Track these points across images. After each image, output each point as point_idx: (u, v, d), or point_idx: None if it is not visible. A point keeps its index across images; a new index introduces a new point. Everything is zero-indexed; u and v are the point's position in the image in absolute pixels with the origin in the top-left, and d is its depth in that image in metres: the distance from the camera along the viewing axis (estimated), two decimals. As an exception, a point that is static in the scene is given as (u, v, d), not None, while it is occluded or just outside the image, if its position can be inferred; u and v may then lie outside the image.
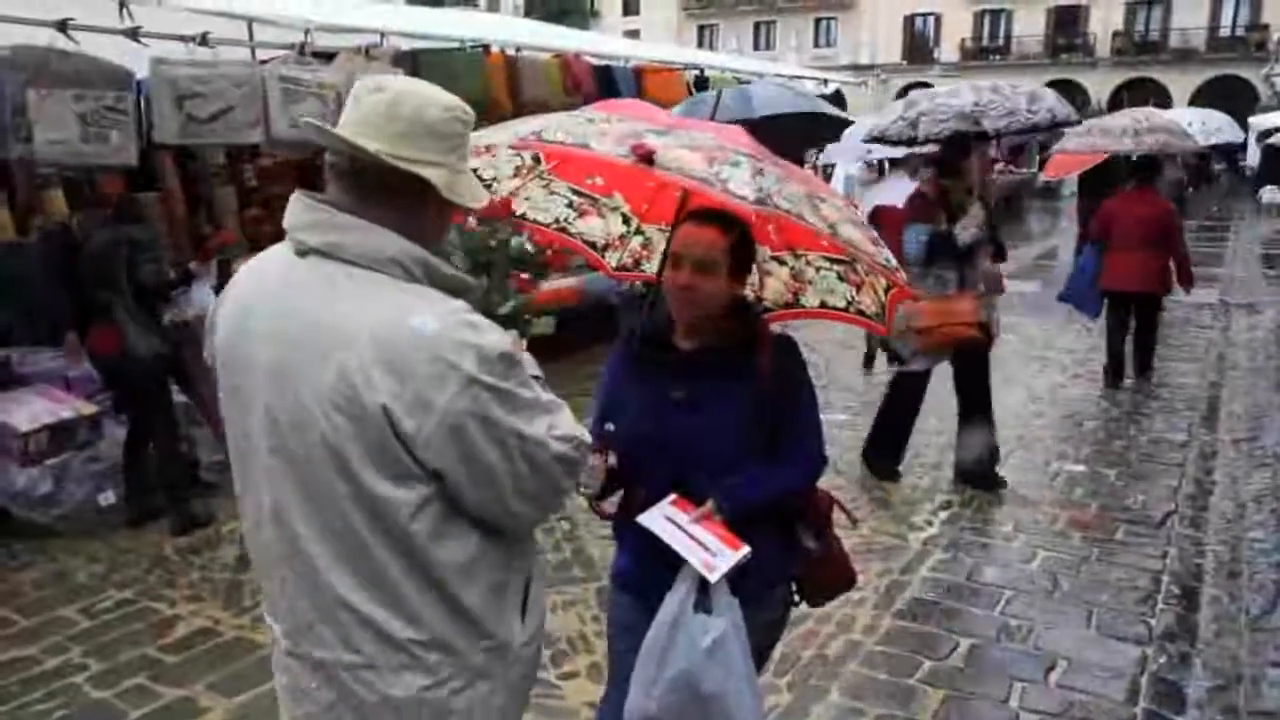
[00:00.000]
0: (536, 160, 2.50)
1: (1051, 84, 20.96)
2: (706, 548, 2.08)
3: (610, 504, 2.38)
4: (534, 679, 1.92)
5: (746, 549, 2.09)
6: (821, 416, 2.37)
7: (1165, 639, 4.06)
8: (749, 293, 2.49)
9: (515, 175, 2.53)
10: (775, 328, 2.44)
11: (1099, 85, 41.31)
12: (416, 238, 1.62)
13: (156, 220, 6.45)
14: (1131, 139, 9.00)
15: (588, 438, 1.74)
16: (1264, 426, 6.93)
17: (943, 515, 5.40)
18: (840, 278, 2.46)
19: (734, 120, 6.15)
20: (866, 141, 7.15)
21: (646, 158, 2.06)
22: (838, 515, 2.52)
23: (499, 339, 1.59)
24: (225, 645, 4.06)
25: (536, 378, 1.75)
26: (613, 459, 2.25)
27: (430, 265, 1.62)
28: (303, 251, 1.61)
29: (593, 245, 2.71)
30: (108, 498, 5.34)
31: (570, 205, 2.65)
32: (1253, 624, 4.17)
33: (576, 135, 2.20)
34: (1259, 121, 24.79)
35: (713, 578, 2.06)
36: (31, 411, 5.23)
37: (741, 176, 2.02)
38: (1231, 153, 27.45)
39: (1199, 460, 6.32)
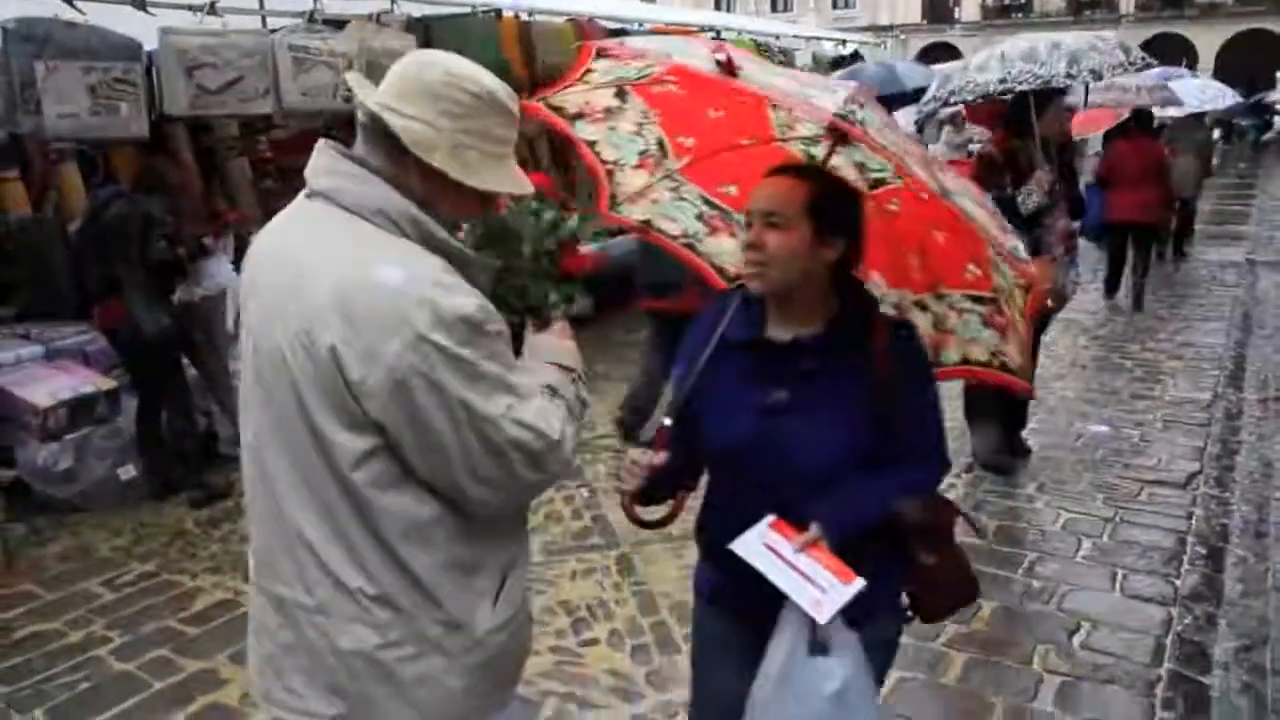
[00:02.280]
0: (662, 149, 2.14)
1: (1073, 40, 20.33)
2: (814, 581, 1.78)
3: (652, 511, 2.06)
4: (507, 672, 1.81)
5: (861, 581, 1.77)
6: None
7: (1191, 600, 4.02)
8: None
9: (640, 166, 2.19)
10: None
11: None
12: (409, 196, 1.59)
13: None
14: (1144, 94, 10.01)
15: (556, 435, 1.62)
16: (1291, 385, 6.84)
17: (966, 477, 5.35)
18: (984, 322, 2.10)
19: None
20: (929, 103, 6.59)
21: (729, 66, 1.83)
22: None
23: (465, 303, 1.54)
24: (245, 617, 4.05)
25: (578, 378, 1.76)
26: (661, 456, 1.92)
27: (421, 224, 1.59)
28: (310, 194, 1.65)
29: (721, 272, 2.25)
30: (128, 472, 5.35)
31: (699, 217, 2.25)
32: (1280, 584, 4.13)
33: (659, 50, 2.02)
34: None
35: (823, 619, 1.76)
36: (51, 387, 5.25)
37: (833, 99, 1.80)
38: (1264, 110, 26.89)
39: (1224, 420, 6.23)
